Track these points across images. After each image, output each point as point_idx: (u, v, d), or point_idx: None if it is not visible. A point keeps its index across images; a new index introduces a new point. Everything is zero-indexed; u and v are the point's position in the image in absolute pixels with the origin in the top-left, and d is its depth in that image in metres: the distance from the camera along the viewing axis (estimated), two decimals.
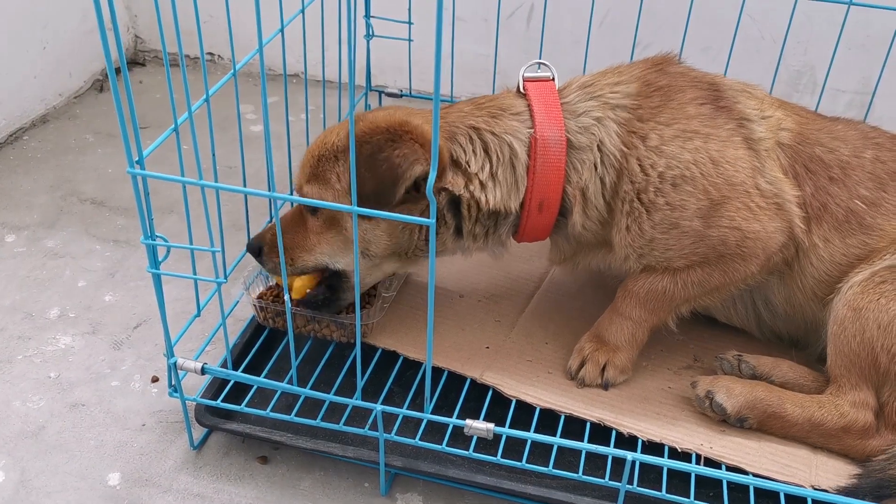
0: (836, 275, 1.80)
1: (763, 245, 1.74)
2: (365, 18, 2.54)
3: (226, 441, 1.86)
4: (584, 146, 1.72)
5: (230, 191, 1.51)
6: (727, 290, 1.84)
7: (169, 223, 2.51)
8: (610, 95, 1.75)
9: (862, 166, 1.82)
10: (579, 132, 1.72)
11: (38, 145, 2.91)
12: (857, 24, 2.30)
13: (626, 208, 1.74)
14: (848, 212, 1.79)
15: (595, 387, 1.85)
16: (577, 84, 1.80)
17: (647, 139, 1.71)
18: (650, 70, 1.80)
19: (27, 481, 1.75)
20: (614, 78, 1.79)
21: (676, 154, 1.70)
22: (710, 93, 1.77)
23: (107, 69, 1.26)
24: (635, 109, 1.73)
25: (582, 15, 2.47)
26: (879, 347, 1.69)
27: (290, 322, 1.64)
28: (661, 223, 1.73)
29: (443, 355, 1.89)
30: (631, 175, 1.71)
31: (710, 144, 1.71)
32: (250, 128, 3.02)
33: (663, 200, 1.71)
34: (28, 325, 2.15)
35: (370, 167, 1.60)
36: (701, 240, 1.73)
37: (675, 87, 1.76)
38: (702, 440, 1.73)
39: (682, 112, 1.73)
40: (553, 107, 1.72)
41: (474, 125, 1.72)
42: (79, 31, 3.12)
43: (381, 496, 1.75)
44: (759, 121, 1.79)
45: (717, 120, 1.74)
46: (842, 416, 1.71)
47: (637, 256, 1.80)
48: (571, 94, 1.77)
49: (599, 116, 1.73)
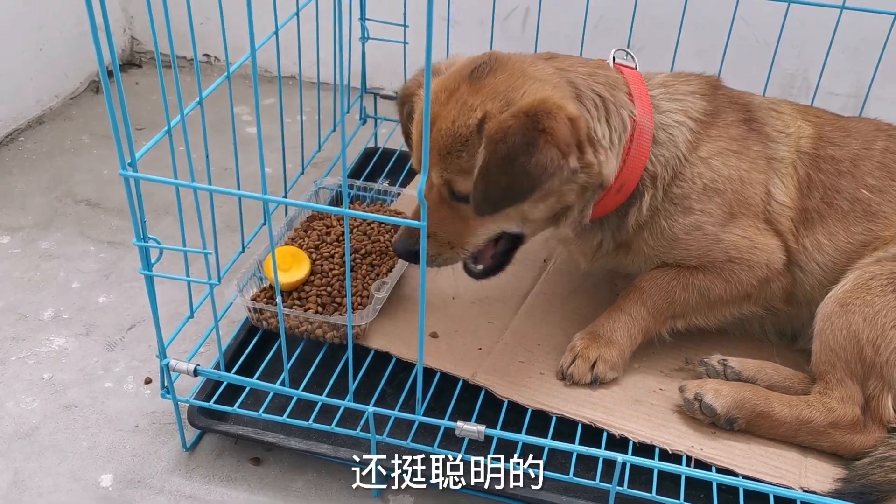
0: (843, 262, 1.86)
1: (767, 258, 1.85)
2: (360, 21, 2.55)
3: (218, 442, 1.86)
4: (663, 142, 1.81)
5: (223, 193, 1.52)
6: (724, 309, 1.92)
7: (164, 224, 2.52)
8: (690, 104, 1.85)
9: (871, 157, 1.90)
10: (662, 128, 1.81)
11: (33, 146, 2.92)
12: (849, 28, 2.31)
13: (667, 208, 1.83)
14: (854, 201, 1.87)
15: (584, 384, 1.85)
16: (657, 82, 1.88)
17: (699, 150, 1.82)
18: (709, 87, 1.91)
19: (20, 482, 1.75)
20: (688, 87, 1.89)
21: (719, 168, 1.83)
22: (744, 114, 1.89)
23: (93, 72, 1.26)
24: (700, 122, 1.83)
25: (577, 17, 2.48)
26: (865, 340, 1.71)
27: (281, 324, 1.65)
28: (690, 226, 1.84)
29: (435, 356, 1.90)
30: (681, 179, 1.82)
31: (742, 164, 1.85)
32: (246, 129, 3.02)
33: (699, 207, 1.82)
34: (22, 326, 2.15)
35: (505, 170, 1.55)
36: (716, 243, 1.85)
37: (721, 107, 1.88)
38: (692, 442, 1.73)
39: (727, 132, 1.85)
40: (645, 97, 1.80)
41: (598, 91, 1.72)
42: (75, 32, 3.12)
43: (373, 497, 1.76)
44: (783, 138, 1.90)
45: (748, 141, 1.87)
46: (829, 411, 1.73)
47: (657, 254, 1.89)
48: (655, 90, 1.85)
49: (680, 120, 1.83)
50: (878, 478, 1.64)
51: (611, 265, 2.01)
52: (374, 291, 1.94)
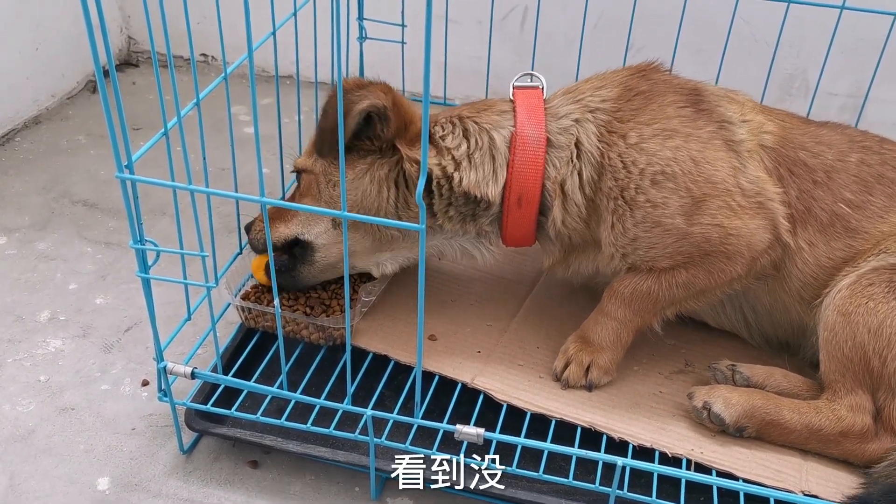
0: (822, 278, 1.81)
1: (747, 243, 1.76)
2: (358, 21, 2.53)
3: (216, 445, 1.85)
4: (562, 145, 1.79)
5: (220, 195, 1.51)
6: (714, 293, 1.85)
7: (162, 225, 2.50)
8: (590, 99, 1.83)
9: (847, 170, 1.83)
10: (559, 132, 1.80)
11: (30, 147, 2.90)
12: (849, 28, 2.30)
13: (610, 206, 1.77)
14: (832, 216, 1.81)
15: (579, 388, 1.85)
16: (562, 91, 1.90)
17: (627, 137, 1.77)
18: (632, 76, 1.87)
19: (16, 486, 1.74)
20: (597, 83, 1.87)
21: (657, 151, 1.74)
22: (690, 97, 1.83)
23: (90, 71, 1.25)
24: (615, 112, 1.79)
25: (576, 17, 2.47)
26: (871, 351, 1.69)
27: (279, 327, 1.64)
28: (644, 221, 1.75)
29: (434, 359, 1.89)
30: (613, 172, 1.76)
31: (691, 144, 1.75)
32: (245, 129, 3.01)
33: (644, 198, 1.74)
34: (18, 328, 2.14)
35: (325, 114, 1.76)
36: (684, 237, 1.75)
37: (656, 91, 1.82)
38: (692, 445, 1.73)
39: (663, 113, 1.78)
40: (536, 109, 1.81)
41: (459, 114, 1.84)
42: (72, 32, 3.11)
43: (372, 500, 1.75)
44: (740, 124, 1.82)
45: (697, 122, 1.79)
46: (839, 420, 1.71)
47: (622, 256, 1.82)
48: (556, 100, 1.86)
49: (578, 118, 1.81)
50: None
51: (587, 269, 1.94)
52: (361, 294, 1.93)
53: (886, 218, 1.81)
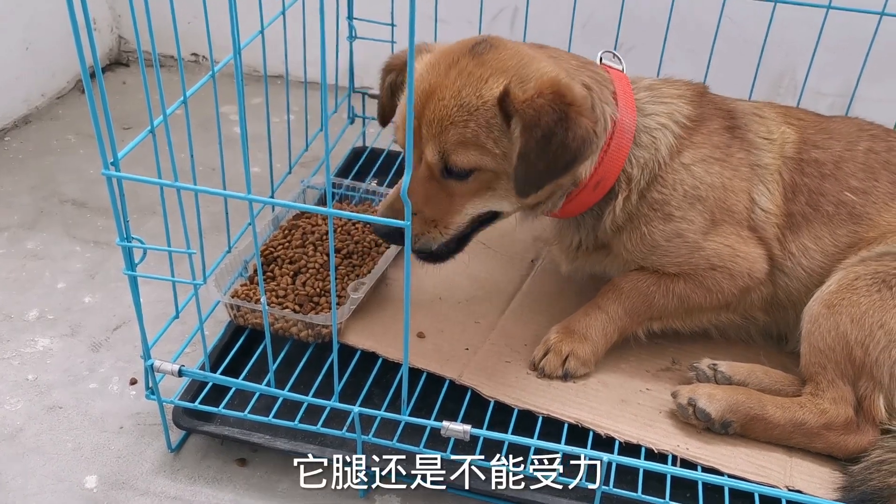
0: (828, 265, 1.86)
1: (749, 267, 1.84)
2: (348, 20, 2.54)
3: (204, 443, 1.85)
4: (644, 145, 1.80)
5: (206, 192, 1.51)
6: (702, 316, 1.93)
7: (150, 225, 2.50)
8: (675, 108, 1.84)
9: (854, 158, 1.90)
10: (644, 131, 1.81)
11: (19, 146, 2.90)
12: (836, 27, 2.32)
13: (647, 213, 1.82)
14: (838, 203, 1.86)
15: (555, 378, 1.86)
16: (643, 85, 1.88)
17: (682, 156, 1.82)
18: (696, 93, 1.90)
19: (4, 484, 1.74)
20: (675, 91, 1.88)
21: (702, 176, 1.82)
22: (728, 121, 1.89)
23: (80, 71, 1.26)
24: (685, 127, 1.83)
25: (565, 17, 2.48)
26: (853, 341, 1.71)
27: (266, 325, 1.64)
28: (670, 233, 1.83)
29: (421, 357, 1.90)
30: (662, 184, 1.81)
31: (725, 171, 1.84)
32: (234, 129, 3.01)
33: (680, 214, 1.81)
34: (6, 326, 2.14)
35: (544, 149, 1.58)
36: (698, 250, 1.83)
37: (707, 114, 1.87)
38: (678, 441, 1.74)
39: (710, 140, 1.84)
40: (630, 98, 1.81)
41: (587, 84, 1.73)
42: (62, 31, 3.10)
43: (360, 498, 1.75)
44: (767, 145, 1.89)
45: (731, 148, 1.86)
46: (822, 413, 1.73)
47: (637, 260, 1.88)
48: (641, 93, 1.85)
49: (664, 123, 1.82)
50: (876, 483, 1.64)
51: (591, 268, 2.00)
52: (350, 292, 1.94)
53: (891, 204, 1.85)
